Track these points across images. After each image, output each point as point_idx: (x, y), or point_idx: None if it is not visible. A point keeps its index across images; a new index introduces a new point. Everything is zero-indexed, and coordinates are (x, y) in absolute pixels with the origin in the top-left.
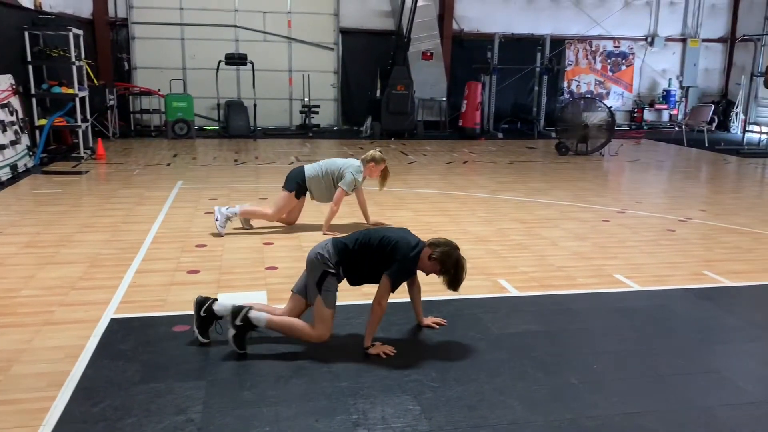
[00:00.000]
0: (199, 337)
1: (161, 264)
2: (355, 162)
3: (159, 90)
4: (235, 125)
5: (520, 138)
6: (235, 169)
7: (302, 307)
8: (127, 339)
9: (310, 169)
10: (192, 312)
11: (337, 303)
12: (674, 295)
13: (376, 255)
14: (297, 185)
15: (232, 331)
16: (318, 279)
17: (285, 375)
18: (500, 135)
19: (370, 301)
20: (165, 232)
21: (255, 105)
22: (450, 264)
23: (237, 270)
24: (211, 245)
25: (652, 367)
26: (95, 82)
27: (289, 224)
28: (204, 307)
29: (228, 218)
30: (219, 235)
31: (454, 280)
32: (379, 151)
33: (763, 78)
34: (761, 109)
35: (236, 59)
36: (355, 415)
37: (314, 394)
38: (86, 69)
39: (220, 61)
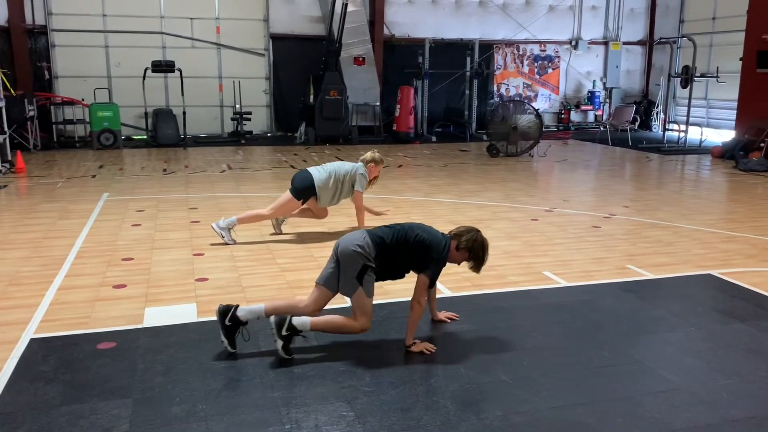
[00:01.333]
0: (228, 348)
1: (85, 279)
2: (360, 165)
3: (83, 99)
4: (163, 134)
5: (453, 141)
6: (164, 179)
7: (327, 298)
8: (47, 359)
9: (318, 176)
10: (117, 328)
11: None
12: (600, 289)
13: (410, 253)
14: (303, 192)
15: (279, 342)
16: (358, 272)
17: (215, 388)
18: (434, 138)
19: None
20: (90, 247)
21: (184, 113)
22: (477, 248)
23: (165, 283)
24: (138, 258)
25: (580, 361)
26: (12, 92)
27: (320, 218)
28: (228, 316)
29: (229, 229)
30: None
31: (480, 264)
32: (377, 153)
33: (680, 78)
34: (679, 108)
35: (163, 66)
36: (287, 425)
37: (246, 406)
38: (2, 78)
39: (146, 69)
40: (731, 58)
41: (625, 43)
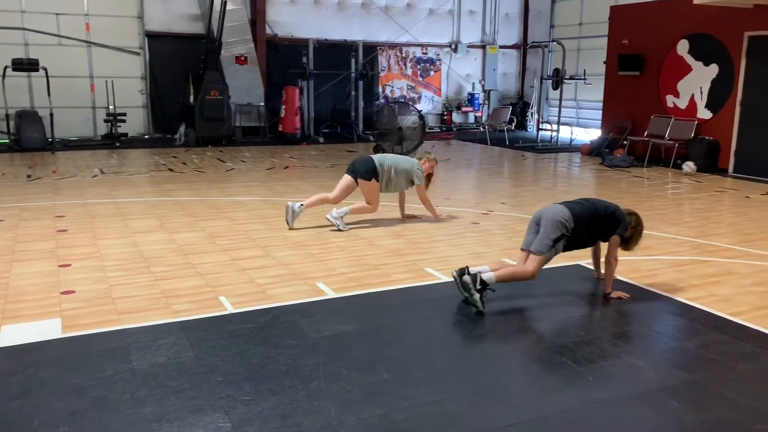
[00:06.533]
0: (482, 308)
1: None
2: (416, 161)
3: None
4: (28, 137)
5: (340, 142)
6: (28, 186)
7: None
8: None
9: (377, 159)
10: None
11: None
12: None
13: (603, 223)
14: (372, 173)
15: (477, 296)
16: (557, 238)
17: (80, 408)
18: (321, 139)
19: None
20: None
21: (51, 114)
22: (641, 226)
23: (26, 297)
24: None
25: (458, 354)
26: None
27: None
28: (478, 282)
29: (341, 217)
30: (341, 230)
31: (638, 239)
32: (431, 153)
33: (552, 80)
34: (552, 108)
35: (26, 65)
36: None
37: (114, 425)
38: None
39: (6, 67)
40: (597, 61)
41: (501, 47)
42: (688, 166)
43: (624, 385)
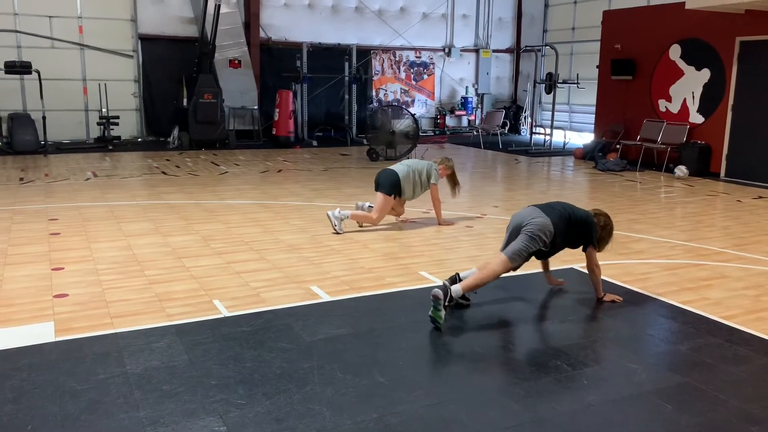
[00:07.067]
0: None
1: None
2: (434, 163)
3: None
4: (20, 140)
5: (334, 145)
6: (20, 189)
7: None
8: None
9: (401, 171)
10: None
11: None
12: None
13: (578, 231)
14: (393, 188)
15: (443, 312)
16: (533, 252)
17: (74, 412)
18: (315, 143)
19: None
20: None
21: (44, 117)
22: (609, 225)
23: (18, 301)
24: None
25: (453, 357)
26: None
27: (399, 215)
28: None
29: (341, 220)
30: (337, 233)
31: (609, 237)
32: (448, 159)
33: (545, 84)
34: (545, 112)
35: (18, 67)
36: None
37: (108, 429)
38: None
39: None
40: (590, 65)
41: (494, 51)
42: (680, 170)
43: (618, 387)
